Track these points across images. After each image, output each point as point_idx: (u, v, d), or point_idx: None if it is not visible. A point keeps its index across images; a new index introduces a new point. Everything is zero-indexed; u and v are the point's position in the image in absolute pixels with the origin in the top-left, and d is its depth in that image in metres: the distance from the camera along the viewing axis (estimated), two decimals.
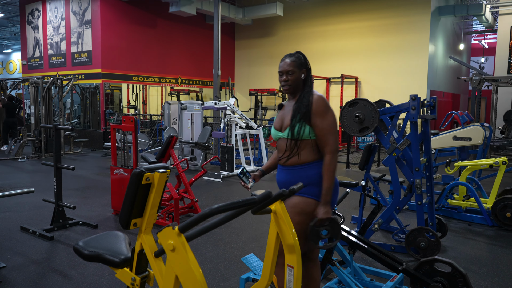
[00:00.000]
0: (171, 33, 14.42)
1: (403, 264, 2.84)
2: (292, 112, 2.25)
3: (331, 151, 2.18)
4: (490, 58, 19.07)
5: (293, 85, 2.31)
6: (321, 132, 2.19)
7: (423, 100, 3.84)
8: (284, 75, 2.33)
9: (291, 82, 2.30)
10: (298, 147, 2.22)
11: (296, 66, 2.31)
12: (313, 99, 2.22)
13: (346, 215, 5.11)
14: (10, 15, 18.52)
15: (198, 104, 8.90)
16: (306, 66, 2.33)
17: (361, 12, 13.94)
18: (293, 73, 2.29)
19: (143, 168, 1.69)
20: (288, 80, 2.30)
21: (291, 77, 2.30)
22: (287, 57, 2.36)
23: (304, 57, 2.36)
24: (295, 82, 2.30)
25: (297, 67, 2.30)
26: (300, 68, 2.31)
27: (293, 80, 2.29)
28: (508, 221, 4.60)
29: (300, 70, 2.31)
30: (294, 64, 2.31)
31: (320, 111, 2.20)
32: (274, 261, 1.85)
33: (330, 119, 2.21)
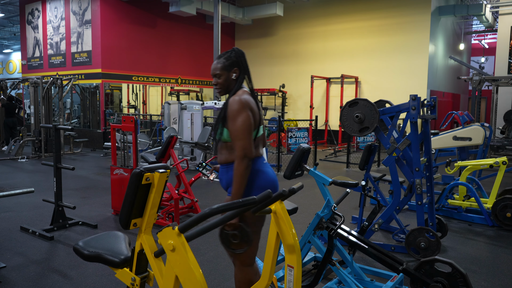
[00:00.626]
0: (171, 33, 14.42)
1: (403, 264, 2.84)
2: (218, 114, 2.29)
3: (238, 156, 2.11)
4: (490, 58, 19.07)
5: (224, 88, 2.27)
6: (231, 136, 2.17)
7: (423, 100, 3.84)
8: (214, 78, 2.30)
9: (221, 86, 2.27)
10: (223, 148, 2.25)
11: (224, 68, 2.24)
12: (229, 102, 2.18)
13: (346, 215, 5.11)
14: (10, 15, 18.52)
15: (198, 104, 8.90)
16: (238, 65, 2.26)
17: (361, 12, 13.94)
18: (221, 76, 2.25)
19: (143, 168, 1.69)
20: (218, 83, 2.27)
21: (220, 80, 2.26)
22: (217, 59, 2.29)
23: (237, 54, 2.27)
24: (225, 84, 2.26)
25: (225, 69, 2.24)
26: (230, 68, 2.24)
27: (221, 83, 2.26)
28: (508, 221, 4.60)
29: (229, 72, 2.25)
30: (222, 66, 2.24)
31: (231, 115, 2.15)
32: (274, 261, 1.85)
33: (238, 124, 2.12)
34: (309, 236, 2.99)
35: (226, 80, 2.25)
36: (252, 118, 2.17)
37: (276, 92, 14.95)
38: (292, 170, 3.14)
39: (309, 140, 10.01)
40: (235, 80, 2.26)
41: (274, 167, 8.61)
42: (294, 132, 9.64)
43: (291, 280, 1.86)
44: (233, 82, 2.26)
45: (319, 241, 2.99)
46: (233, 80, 2.26)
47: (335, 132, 14.18)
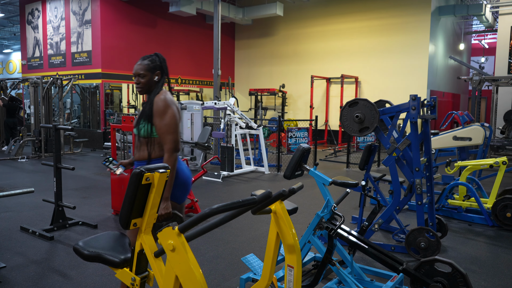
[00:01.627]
0: (171, 33, 14.42)
1: (403, 264, 2.84)
2: (140, 112, 2.43)
3: (168, 149, 2.32)
4: (490, 58, 19.07)
5: (145, 87, 2.44)
6: (159, 131, 2.34)
7: (423, 100, 3.84)
8: (136, 77, 2.45)
9: (143, 85, 2.44)
10: (145, 144, 2.38)
11: (148, 69, 2.43)
12: (155, 101, 2.37)
13: (346, 215, 5.11)
14: (10, 15, 18.52)
15: (198, 104, 8.90)
16: (160, 68, 2.46)
17: (361, 12, 13.94)
18: (145, 76, 2.42)
19: (143, 168, 1.69)
20: (140, 83, 2.44)
21: (142, 80, 2.43)
22: (142, 60, 2.46)
23: (160, 59, 2.47)
24: (147, 84, 2.44)
25: (149, 71, 2.43)
26: (153, 71, 2.43)
27: (144, 83, 2.44)
28: (508, 221, 4.60)
29: (153, 73, 2.43)
30: (147, 67, 2.43)
31: (159, 112, 2.34)
32: (274, 261, 1.85)
33: (167, 119, 2.34)
34: (309, 236, 2.99)
35: (148, 81, 2.43)
36: (178, 115, 2.40)
37: (276, 92, 14.95)
38: (292, 170, 3.14)
39: (309, 140, 10.01)
40: (156, 82, 2.45)
41: (274, 167, 8.61)
42: (294, 132, 9.64)
43: (291, 280, 1.86)
44: (154, 83, 2.44)
45: (319, 241, 2.99)
46: (155, 82, 2.45)
47: (335, 132, 14.18)
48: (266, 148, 8.73)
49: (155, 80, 2.44)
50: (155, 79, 2.44)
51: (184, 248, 1.47)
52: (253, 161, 8.68)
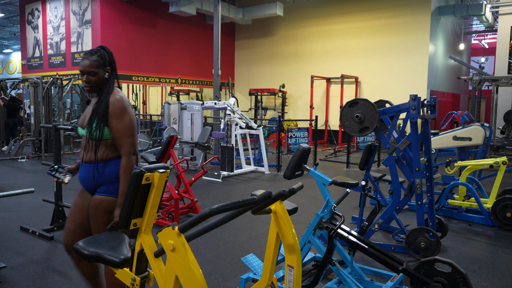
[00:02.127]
0: (171, 33, 14.42)
1: (403, 264, 2.84)
2: (91, 112, 2.23)
3: (126, 153, 2.20)
4: (490, 58, 19.07)
5: (96, 86, 2.25)
6: (116, 134, 2.19)
7: (423, 100, 3.84)
8: (85, 75, 2.23)
9: (93, 84, 2.24)
10: (96, 146, 2.21)
11: (98, 66, 2.23)
12: (111, 101, 2.19)
13: (346, 215, 5.11)
14: (10, 15, 18.51)
15: (198, 104, 8.90)
16: (110, 64, 2.28)
17: (361, 12, 13.94)
18: (95, 74, 2.22)
19: (143, 168, 1.69)
20: (90, 81, 2.23)
21: (93, 78, 2.22)
22: (89, 55, 2.23)
23: (108, 54, 2.29)
24: (98, 82, 2.24)
25: (99, 67, 2.23)
26: (103, 67, 2.25)
27: (95, 81, 2.23)
28: (508, 221, 4.60)
29: (103, 70, 2.25)
30: (96, 64, 2.22)
31: (116, 113, 2.18)
32: (274, 261, 1.85)
33: (125, 122, 2.20)
34: (309, 236, 2.99)
35: (99, 79, 2.24)
36: (135, 117, 2.27)
37: (276, 92, 14.95)
38: (292, 170, 3.14)
39: (309, 140, 10.01)
40: (107, 79, 2.26)
41: (274, 167, 8.61)
42: (294, 132, 9.64)
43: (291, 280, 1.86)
44: (104, 81, 2.26)
45: (319, 241, 2.99)
46: (105, 79, 2.26)
47: (335, 132, 14.18)
48: (266, 148, 8.73)
49: (106, 77, 2.26)
50: (105, 76, 2.26)
51: (184, 248, 1.47)
52: (253, 161, 8.68)
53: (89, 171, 2.24)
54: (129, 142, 2.21)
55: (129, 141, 2.21)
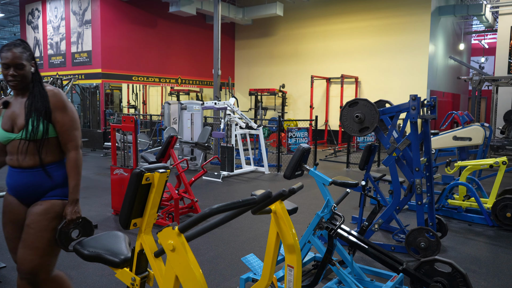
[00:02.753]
0: (171, 33, 14.42)
1: (403, 264, 2.84)
2: (26, 110, 2.00)
3: (75, 147, 2.08)
4: (490, 58, 19.07)
5: (23, 81, 2.03)
6: (62, 128, 2.05)
7: (423, 100, 3.84)
8: (11, 68, 1.99)
9: (21, 78, 2.01)
10: (39, 147, 2.01)
11: (26, 59, 2.03)
12: (49, 94, 2.03)
13: (346, 215, 5.11)
14: (10, 15, 18.52)
15: (198, 104, 8.90)
16: (33, 58, 2.11)
17: (361, 12, 13.94)
18: (24, 67, 2.01)
19: (143, 168, 1.69)
20: (17, 75, 1.99)
21: (21, 72, 2.00)
22: (13, 47, 1.99)
23: (29, 47, 2.09)
24: (25, 77, 2.03)
25: (27, 60, 2.03)
26: (30, 60, 2.06)
27: (22, 75, 2.01)
28: (508, 221, 4.60)
29: (29, 63, 2.05)
30: (23, 56, 2.01)
31: (60, 106, 2.04)
32: (274, 261, 1.85)
33: (70, 114, 2.07)
34: (309, 236, 2.99)
35: (27, 72, 2.04)
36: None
37: (276, 92, 14.95)
38: (292, 170, 3.14)
39: (309, 140, 10.01)
40: (33, 73, 2.09)
41: (274, 167, 8.62)
42: (294, 132, 9.64)
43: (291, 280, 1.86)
44: (30, 75, 2.07)
45: (319, 241, 2.99)
46: (32, 73, 2.09)
47: (335, 132, 14.18)
48: (266, 148, 8.73)
49: (32, 72, 2.07)
50: (31, 71, 2.07)
51: (184, 248, 1.47)
52: (253, 161, 8.68)
53: (33, 177, 2.03)
54: (77, 135, 2.09)
55: (77, 133, 2.09)
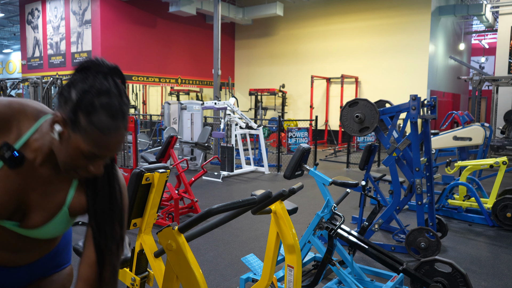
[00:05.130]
0: (171, 33, 14.42)
1: (403, 264, 2.84)
2: (76, 209, 1.23)
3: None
4: (491, 58, 19.07)
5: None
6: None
7: (423, 100, 3.84)
8: (100, 160, 1.07)
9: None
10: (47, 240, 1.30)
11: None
12: (122, 188, 1.25)
13: (346, 215, 5.11)
14: (10, 15, 18.51)
15: (198, 104, 8.90)
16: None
17: (361, 12, 13.94)
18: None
19: (143, 168, 1.69)
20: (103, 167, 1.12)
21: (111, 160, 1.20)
22: (121, 119, 1.02)
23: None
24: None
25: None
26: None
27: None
28: (509, 221, 4.60)
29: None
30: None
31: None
32: (274, 261, 1.85)
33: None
34: (309, 236, 2.99)
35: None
36: None
37: (276, 92, 14.95)
38: (292, 170, 3.14)
39: (309, 140, 10.01)
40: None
41: (274, 167, 8.61)
42: (294, 132, 9.64)
43: (291, 280, 1.86)
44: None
45: (319, 241, 2.99)
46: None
47: (335, 132, 14.18)
48: (266, 148, 8.72)
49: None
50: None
51: (184, 248, 1.47)
52: (253, 161, 8.68)
53: (46, 264, 1.37)
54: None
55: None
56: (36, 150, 1.08)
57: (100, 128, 0.97)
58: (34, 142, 1.08)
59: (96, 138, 0.98)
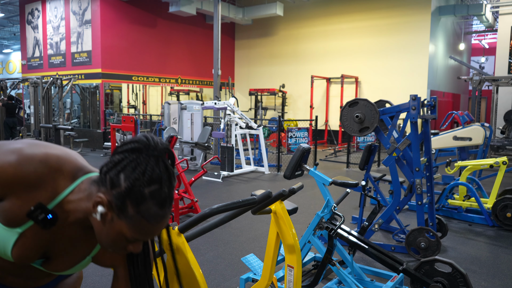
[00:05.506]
0: (171, 33, 14.42)
1: (403, 264, 2.84)
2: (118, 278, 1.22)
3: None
4: (491, 58, 19.07)
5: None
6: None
7: (423, 100, 3.84)
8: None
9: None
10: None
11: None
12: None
13: (346, 215, 5.11)
14: (10, 15, 18.51)
15: (198, 104, 8.90)
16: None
17: (361, 12, 13.94)
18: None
19: None
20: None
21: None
22: (168, 210, 1.00)
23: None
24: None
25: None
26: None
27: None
28: (509, 221, 4.60)
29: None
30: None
31: None
32: (274, 261, 1.85)
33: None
34: (309, 236, 2.99)
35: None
36: None
37: (276, 92, 14.95)
38: (292, 170, 3.14)
39: (309, 140, 10.01)
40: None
41: (274, 167, 8.61)
42: (294, 132, 9.64)
43: (291, 280, 1.86)
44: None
45: (319, 241, 2.99)
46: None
47: (335, 132, 14.18)
48: (266, 148, 8.72)
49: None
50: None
51: (184, 248, 1.47)
52: (253, 161, 8.68)
53: (53, 282, 1.31)
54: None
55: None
56: (69, 212, 1.05)
57: (148, 218, 0.96)
58: (68, 203, 1.04)
59: (142, 227, 0.97)
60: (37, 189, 1.01)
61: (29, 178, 1.00)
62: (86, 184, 1.05)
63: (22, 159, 0.99)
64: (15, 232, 1.02)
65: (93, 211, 0.98)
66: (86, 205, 1.02)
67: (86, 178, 1.07)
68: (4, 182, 0.99)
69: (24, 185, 1.00)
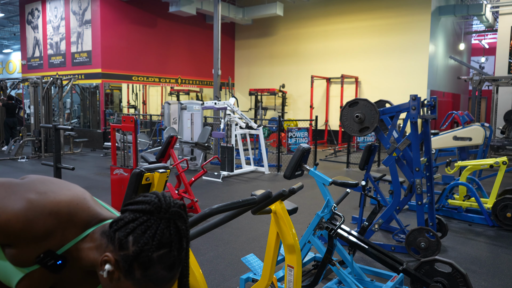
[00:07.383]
0: (171, 33, 14.42)
1: (403, 264, 2.84)
2: None
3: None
4: (491, 58, 19.07)
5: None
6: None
7: (423, 100, 3.84)
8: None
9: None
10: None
11: None
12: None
13: (346, 215, 5.11)
14: (10, 15, 18.51)
15: (198, 104, 8.90)
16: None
17: (361, 12, 13.94)
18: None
19: (143, 168, 1.69)
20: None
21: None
22: (176, 272, 1.00)
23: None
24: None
25: None
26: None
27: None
28: (509, 221, 4.60)
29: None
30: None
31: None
32: (274, 261, 1.85)
33: None
34: (309, 236, 2.99)
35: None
36: None
37: (276, 92, 14.95)
38: (292, 170, 3.14)
39: (309, 140, 10.01)
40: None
41: (274, 167, 8.61)
42: (294, 132, 9.64)
43: (291, 280, 1.86)
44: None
45: (319, 241, 2.99)
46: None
47: (335, 132, 14.18)
48: (266, 148, 8.72)
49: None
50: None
51: None
52: (253, 161, 8.67)
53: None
54: None
55: None
56: (77, 258, 1.05)
57: (155, 282, 0.94)
58: (77, 251, 1.04)
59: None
60: (46, 239, 1.01)
61: (38, 232, 0.99)
62: (97, 234, 1.03)
63: (30, 214, 0.98)
64: (22, 270, 1.03)
65: (101, 268, 0.96)
66: (95, 256, 1.01)
67: (98, 227, 1.05)
68: (12, 236, 0.99)
69: (33, 237, 0.99)
